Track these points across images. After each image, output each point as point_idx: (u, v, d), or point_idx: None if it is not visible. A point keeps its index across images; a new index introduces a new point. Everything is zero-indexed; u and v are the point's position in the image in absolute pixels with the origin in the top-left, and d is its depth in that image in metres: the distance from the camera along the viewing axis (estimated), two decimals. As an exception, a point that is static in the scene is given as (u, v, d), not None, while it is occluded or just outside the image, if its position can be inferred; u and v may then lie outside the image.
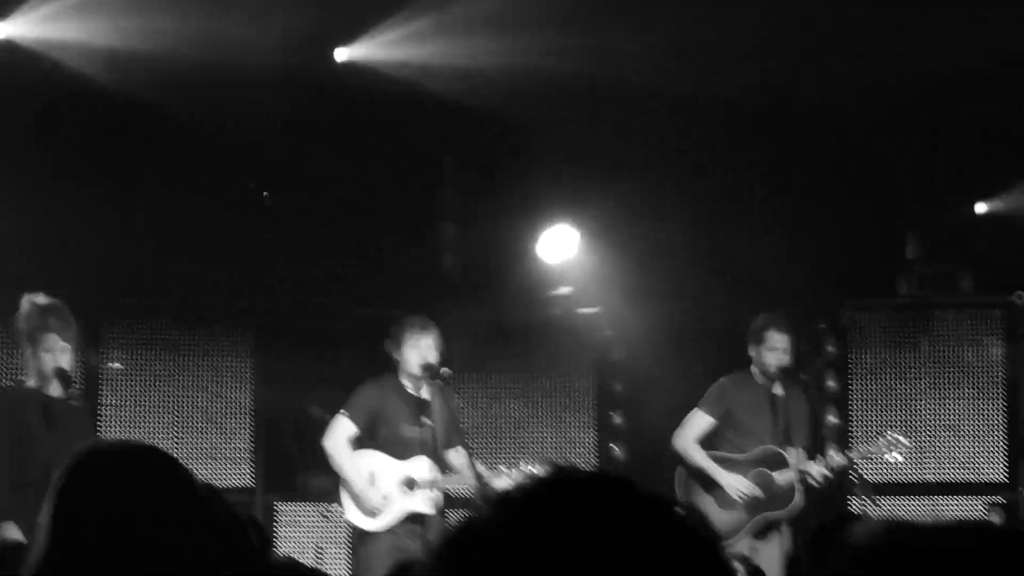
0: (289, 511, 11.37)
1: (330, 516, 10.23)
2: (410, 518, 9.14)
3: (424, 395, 9.27)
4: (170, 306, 11.42)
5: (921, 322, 11.84)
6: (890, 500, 11.17)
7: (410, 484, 9.15)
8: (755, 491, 9.56)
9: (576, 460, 11.72)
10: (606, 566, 1.59)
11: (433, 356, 9.21)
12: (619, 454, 11.96)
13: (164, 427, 11.22)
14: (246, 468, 11.42)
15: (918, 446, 11.21)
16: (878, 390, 11.77)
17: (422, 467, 9.17)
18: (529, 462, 9.44)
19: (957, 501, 11.56)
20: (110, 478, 2.81)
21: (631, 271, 11.52)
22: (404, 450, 9.21)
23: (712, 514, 9.39)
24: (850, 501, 10.65)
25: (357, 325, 11.25)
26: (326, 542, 11.13)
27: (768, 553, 9.54)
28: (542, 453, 11.56)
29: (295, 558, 6.02)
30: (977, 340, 11.77)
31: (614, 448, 11.96)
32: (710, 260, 11.53)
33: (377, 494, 9.11)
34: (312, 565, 5.48)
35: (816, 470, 9.55)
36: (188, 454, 11.06)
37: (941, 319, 11.83)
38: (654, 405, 11.27)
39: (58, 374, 8.27)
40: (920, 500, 11.59)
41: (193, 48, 10.30)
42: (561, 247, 11.84)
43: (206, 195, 11.31)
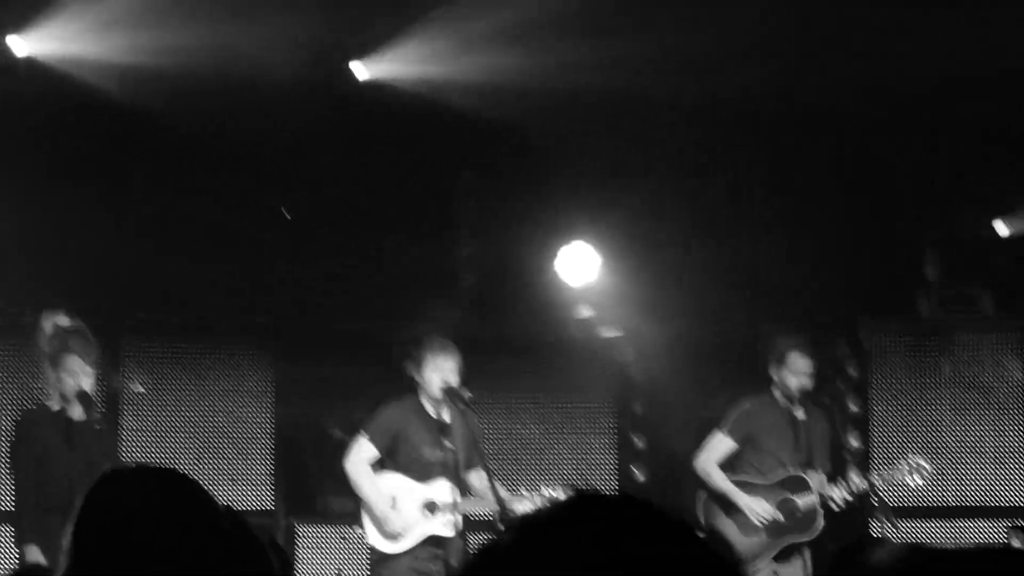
0: (310, 534, 11.35)
1: (350, 538, 10.22)
2: (430, 541, 9.12)
3: (445, 417, 9.25)
4: (191, 325, 11.43)
5: (942, 344, 11.79)
6: (911, 523, 11.12)
7: (431, 507, 9.13)
8: (776, 516, 9.54)
9: (596, 482, 11.70)
10: None
11: (454, 378, 9.19)
12: (639, 476, 11.94)
13: (185, 449, 11.22)
14: (267, 490, 11.41)
15: (939, 469, 11.16)
16: (899, 413, 11.73)
17: (443, 490, 9.14)
18: (551, 486, 9.41)
19: (978, 524, 11.50)
20: (130, 502, 2.81)
21: (651, 290, 11.51)
22: (425, 472, 9.18)
23: (733, 538, 9.37)
24: (871, 524, 10.61)
25: (379, 345, 11.25)
26: (347, 565, 11.12)
27: (790, 576, 9.55)
28: (562, 475, 11.54)
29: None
30: (998, 362, 11.73)
31: (634, 470, 11.94)
32: (729, 276, 11.51)
33: (398, 517, 9.09)
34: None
35: (838, 494, 9.53)
36: (209, 476, 11.05)
37: (962, 341, 11.78)
38: (675, 427, 11.26)
39: (80, 396, 8.29)
40: (941, 523, 11.54)
41: (213, 64, 10.33)
42: (581, 268, 11.83)
43: (227, 212, 11.34)
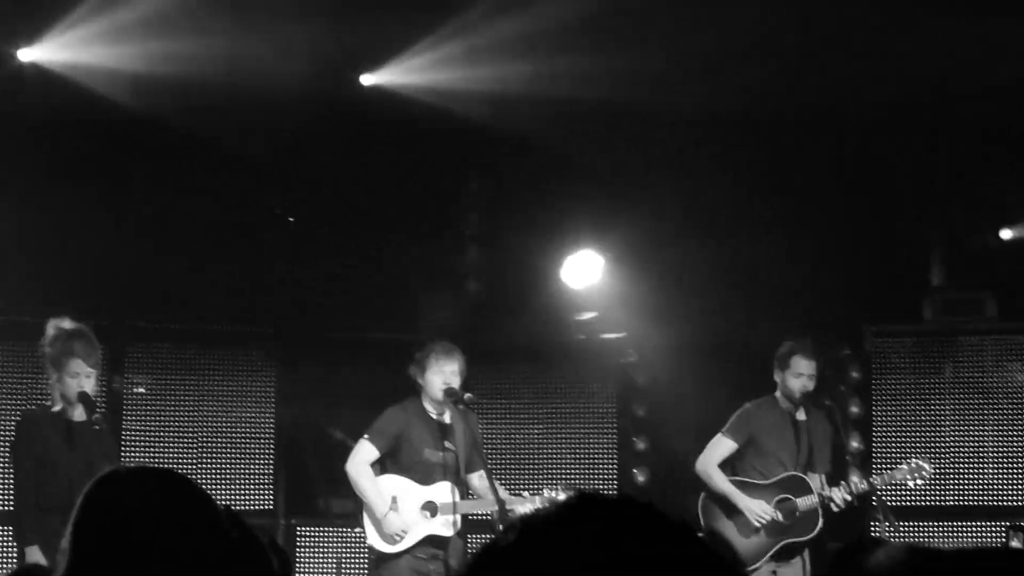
0: (311, 534, 11.37)
1: (351, 538, 10.23)
2: (430, 541, 9.14)
3: (446, 419, 9.27)
4: (192, 327, 11.45)
5: (945, 348, 11.80)
6: (912, 524, 11.13)
7: (431, 508, 9.15)
8: (776, 516, 9.55)
9: (597, 483, 11.71)
10: None
11: (457, 381, 9.20)
12: (640, 477, 11.95)
13: (186, 450, 11.24)
14: (268, 491, 11.43)
15: (940, 471, 11.18)
16: (901, 415, 11.74)
17: (444, 491, 9.17)
18: (552, 488, 9.44)
19: (978, 525, 11.51)
20: (130, 502, 2.83)
21: (654, 294, 11.52)
22: (427, 474, 9.21)
23: (733, 539, 9.38)
24: (872, 525, 10.62)
25: (381, 348, 11.27)
26: (347, 565, 11.14)
27: (790, 577, 9.56)
28: (564, 477, 11.56)
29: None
30: (1001, 366, 11.73)
31: (635, 471, 11.95)
32: (731, 279, 11.52)
33: (399, 520, 9.11)
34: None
35: (839, 496, 9.53)
36: (210, 477, 11.08)
37: (965, 345, 11.79)
38: (676, 430, 11.27)
39: (82, 399, 8.30)
40: (942, 524, 11.55)
41: (219, 71, 10.35)
42: (585, 272, 11.85)
43: (228, 213, 11.36)
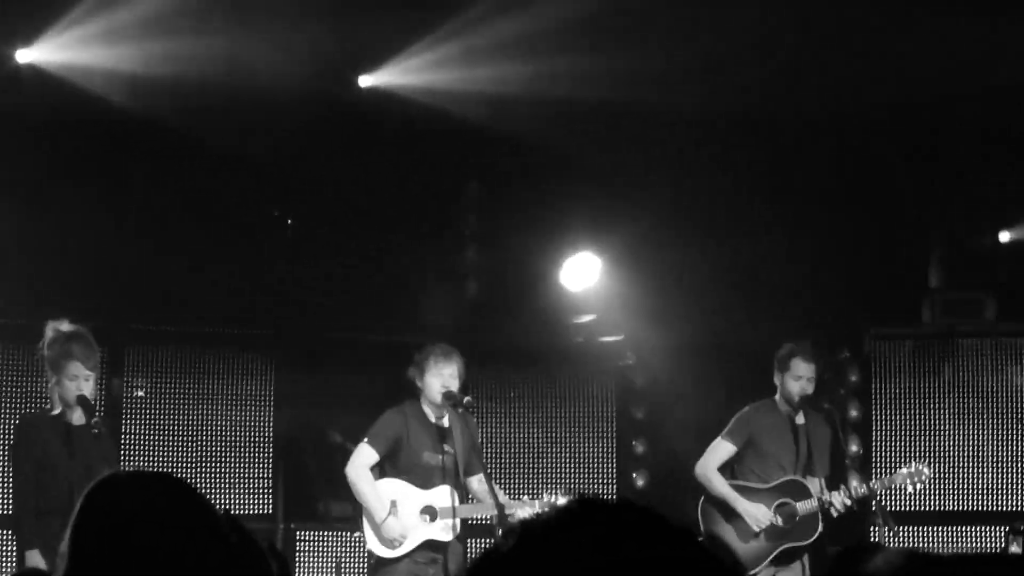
0: (310, 538, 11.36)
1: (350, 542, 10.22)
2: (429, 545, 9.14)
3: (445, 423, 9.27)
4: (192, 330, 11.44)
5: (945, 350, 11.80)
6: (911, 528, 11.13)
7: (431, 513, 9.15)
8: (775, 521, 9.54)
9: (596, 487, 11.71)
10: None
11: (455, 384, 9.20)
12: (639, 481, 11.95)
13: (185, 453, 11.22)
14: (267, 495, 11.42)
15: (940, 475, 11.18)
16: (901, 419, 11.74)
17: (443, 495, 9.16)
18: (552, 492, 9.44)
19: (978, 529, 11.51)
20: (130, 506, 2.82)
21: (653, 295, 11.52)
22: (425, 478, 9.20)
23: (733, 543, 9.37)
24: (871, 530, 10.62)
25: (380, 349, 11.27)
26: (346, 569, 11.13)
27: (789, 582, 9.56)
28: (562, 480, 11.56)
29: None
30: (1001, 369, 11.73)
31: (634, 475, 11.95)
32: (730, 281, 11.52)
33: (398, 524, 9.11)
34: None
35: (838, 500, 9.53)
36: (209, 480, 11.08)
37: (965, 347, 11.79)
38: (675, 432, 11.27)
39: (81, 402, 8.29)
40: (941, 528, 11.54)
41: (219, 73, 10.34)
42: (584, 275, 11.85)
43: (230, 220, 11.35)
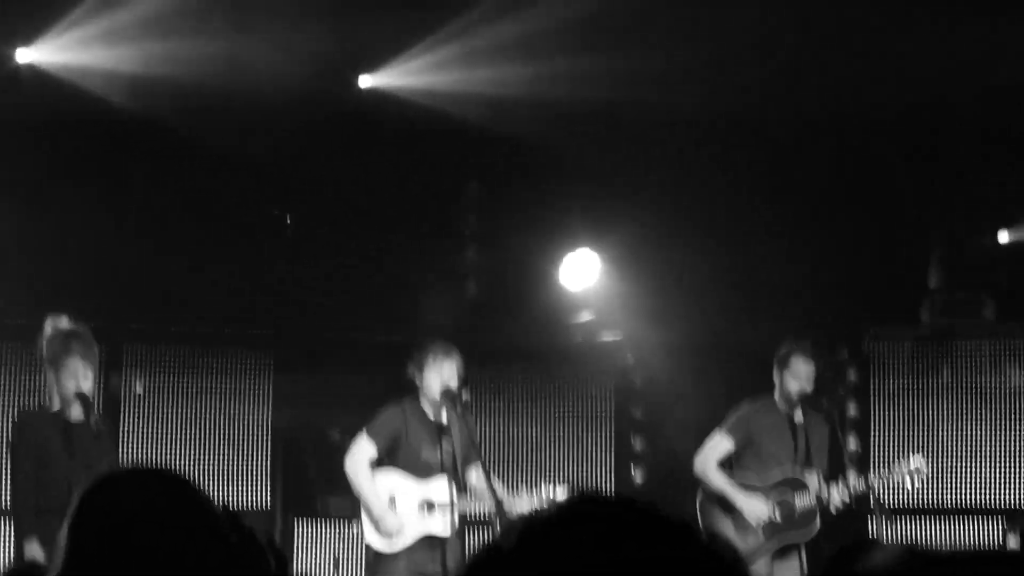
0: (309, 532, 11.38)
1: (349, 537, 10.23)
2: (427, 540, 9.16)
3: (444, 420, 9.29)
4: (191, 329, 11.46)
5: (943, 350, 11.81)
6: (909, 524, 11.15)
7: (429, 506, 9.17)
8: (773, 516, 9.56)
9: (594, 483, 11.73)
10: None
11: (454, 382, 9.22)
12: (638, 479, 11.96)
13: (184, 450, 11.24)
14: (265, 489, 11.44)
15: (937, 471, 11.19)
16: (899, 417, 11.75)
17: (441, 489, 9.18)
18: (551, 485, 9.45)
19: (975, 526, 11.53)
20: (130, 504, 2.84)
21: (652, 295, 11.53)
22: (424, 473, 9.22)
23: (730, 538, 9.39)
24: (869, 525, 10.63)
25: (379, 348, 11.28)
26: (345, 562, 11.15)
27: (786, 577, 9.58)
28: (560, 476, 11.57)
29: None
30: (1000, 369, 11.74)
31: (632, 471, 11.97)
32: (729, 280, 11.53)
33: (396, 518, 9.13)
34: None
35: (836, 497, 9.55)
36: (208, 476, 11.10)
37: (964, 348, 11.80)
38: (674, 431, 11.28)
39: (79, 398, 8.30)
40: (938, 524, 11.56)
41: (218, 74, 10.35)
42: (583, 273, 11.86)
43: (230, 220, 11.37)
